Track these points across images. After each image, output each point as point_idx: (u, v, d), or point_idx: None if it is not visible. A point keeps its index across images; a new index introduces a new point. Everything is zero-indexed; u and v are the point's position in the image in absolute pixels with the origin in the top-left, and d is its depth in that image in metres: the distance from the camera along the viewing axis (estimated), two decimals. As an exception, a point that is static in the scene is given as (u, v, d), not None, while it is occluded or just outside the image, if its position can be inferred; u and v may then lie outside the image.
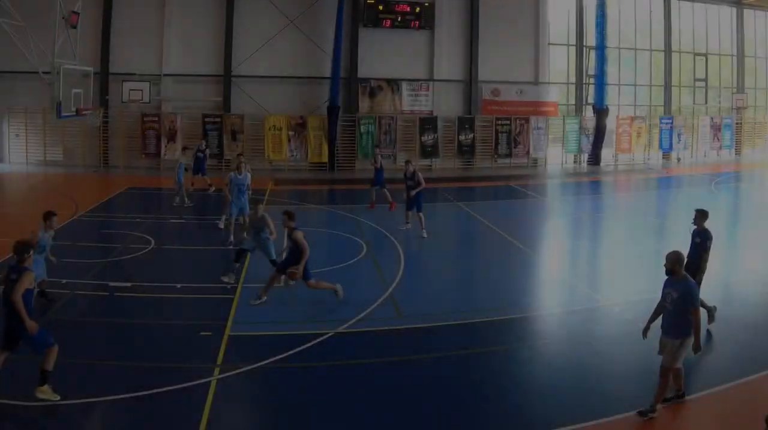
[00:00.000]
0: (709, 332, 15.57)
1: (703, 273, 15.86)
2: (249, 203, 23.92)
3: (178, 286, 18.87)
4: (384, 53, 46.30)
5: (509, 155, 48.23)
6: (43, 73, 29.68)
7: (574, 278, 21.09)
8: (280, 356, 14.16)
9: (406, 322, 16.95)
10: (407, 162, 26.91)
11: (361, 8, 45.62)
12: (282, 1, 44.74)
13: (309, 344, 14.83)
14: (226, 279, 19.47)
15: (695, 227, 16.30)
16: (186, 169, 31.55)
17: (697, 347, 11.80)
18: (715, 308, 16.25)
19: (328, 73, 44.85)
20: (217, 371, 13.43)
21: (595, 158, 49.99)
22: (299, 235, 17.14)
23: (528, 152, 48.60)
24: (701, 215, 16.29)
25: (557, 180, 44.97)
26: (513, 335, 16.07)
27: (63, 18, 30.40)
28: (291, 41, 45.10)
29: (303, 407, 12.32)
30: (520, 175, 45.00)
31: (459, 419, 11.80)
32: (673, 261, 11.91)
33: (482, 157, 48.13)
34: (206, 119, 43.92)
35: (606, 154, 50.63)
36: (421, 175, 25.80)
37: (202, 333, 15.36)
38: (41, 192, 36.15)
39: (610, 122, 49.96)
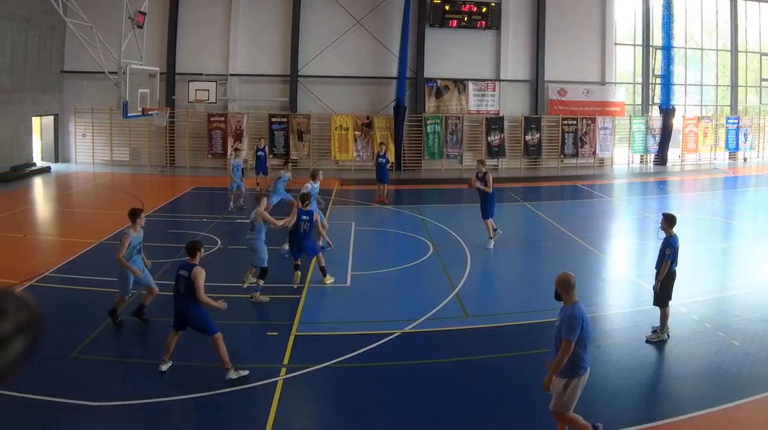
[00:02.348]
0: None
1: (669, 282, 14.52)
2: None
3: (245, 286, 18.10)
4: (450, 53, 43.16)
5: (576, 155, 44.61)
6: (110, 73, 27.81)
7: (640, 277, 19.26)
8: (347, 356, 13.65)
9: (473, 322, 16.21)
10: (479, 162, 23.86)
11: (428, 8, 42.43)
12: (348, 1, 41.83)
13: (375, 344, 14.25)
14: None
15: (664, 233, 14.92)
16: (243, 171, 29.57)
17: (547, 382, 9.87)
18: (668, 336, 14.66)
19: (394, 73, 41.95)
20: (283, 371, 12.99)
21: (661, 158, 46.20)
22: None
23: (594, 152, 44.89)
24: (665, 220, 15.00)
25: (624, 180, 41.68)
26: None
27: (130, 18, 28.65)
28: (357, 41, 42.20)
29: (369, 407, 11.80)
30: (587, 175, 42.01)
31: (526, 419, 11.37)
32: (558, 284, 10.11)
33: (549, 157, 44.66)
34: (272, 119, 41.12)
35: (672, 154, 46.89)
36: (491, 178, 22.88)
37: (269, 333, 14.90)
38: (108, 192, 34.36)
39: (677, 122, 46.20)
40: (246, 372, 12.46)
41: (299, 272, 18.15)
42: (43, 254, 21.56)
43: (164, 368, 12.65)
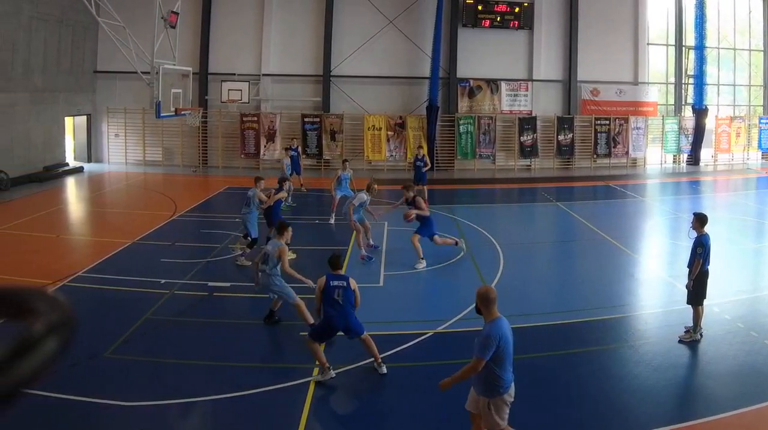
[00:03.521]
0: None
1: (702, 281, 13.93)
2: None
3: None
4: (483, 53, 41.52)
5: (608, 155, 42.97)
6: (143, 73, 26.91)
7: (673, 277, 18.30)
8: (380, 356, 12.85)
9: None
10: (406, 188, 20.89)
11: (461, 8, 40.82)
12: (381, 1, 40.31)
13: (408, 344, 13.83)
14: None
15: (695, 233, 14.29)
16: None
17: (445, 384, 9.16)
18: (701, 336, 14.05)
19: (427, 73, 40.40)
20: (316, 371, 12.42)
21: (694, 158, 44.39)
22: None
23: (627, 152, 43.21)
24: (696, 219, 14.30)
25: (656, 180, 40.14)
26: (613, 335, 14.75)
27: (162, 18, 27.72)
28: (390, 41, 40.68)
29: (402, 407, 11.42)
30: (619, 175, 40.49)
31: (559, 419, 10.94)
32: (477, 298, 9.04)
33: (581, 157, 42.94)
34: (305, 119, 39.66)
35: (705, 154, 45.11)
36: (422, 200, 20.76)
37: (301, 333, 13.97)
38: (141, 192, 33.56)
39: (710, 122, 44.43)
40: (384, 370, 12.38)
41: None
42: (76, 254, 20.91)
43: (332, 374, 12.21)
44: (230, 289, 17.21)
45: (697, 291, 13.88)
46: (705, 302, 14.07)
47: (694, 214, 14.47)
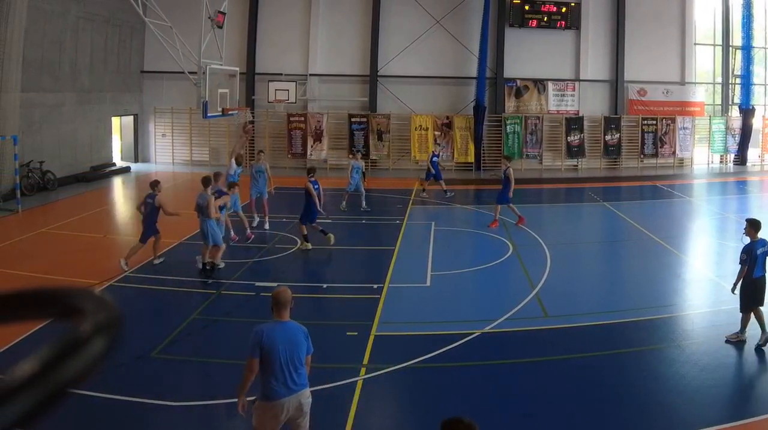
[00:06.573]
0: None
1: (747, 288, 12.89)
2: None
3: (324, 286, 17.18)
4: (530, 53, 38.56)
5: (655, 155, 39.98)
6: (190, 73, 25.61)
7: (720, 277, 17.38)
8: (426, 356, 12.53)
9: (553, 322, 14.73)
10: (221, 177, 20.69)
11: (507, 8, 37.89)
12: (428, 1, 37.65)
13: (455, 344, 13.05)
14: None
15: (748, 238, 13.25)
16: (364, 173, 27.81)
17: (241, 407, 8.05)
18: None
19: (474, 73, 37.54)
20: (363, 371, 11.99)
21: (741, 158, 41.21)
22: None
23: (674, 152, 40.12)
24: (749, 225, 13.33)
25: (703, 180, 37.58)
26: (659, 335, 13.88)
27: (209, 18, 26.16)
28: (437, 41, 37.97)
29: (449, 408, 10.02)
30: (666, 175, 37.76)
31: (605, 419, 10.37)
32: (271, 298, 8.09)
33: (628, 157, 39.97)
34: (352, 119, 37.14)
35: (752, 154, 41.98)
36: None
37: (348, 333, 13.63)
38: (188, 192, 30.41)
39: (757, 122, 41.24)
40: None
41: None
42: (123, 254, 19.57)
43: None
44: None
45: (744, 297, 12.98)
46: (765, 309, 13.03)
47: (747, 220, 13.65)
